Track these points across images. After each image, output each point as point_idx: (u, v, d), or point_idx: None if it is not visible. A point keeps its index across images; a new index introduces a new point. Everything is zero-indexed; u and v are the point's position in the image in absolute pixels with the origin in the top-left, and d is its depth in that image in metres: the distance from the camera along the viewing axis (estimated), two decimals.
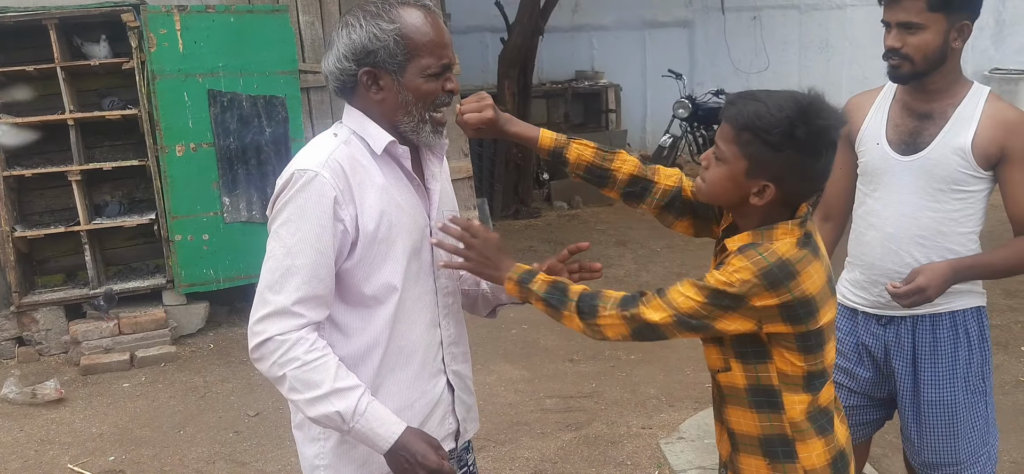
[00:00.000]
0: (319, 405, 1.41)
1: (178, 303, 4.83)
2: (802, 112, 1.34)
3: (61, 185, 4.78)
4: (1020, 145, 1.82)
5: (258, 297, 1.43)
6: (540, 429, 3.56)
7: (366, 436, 1.43)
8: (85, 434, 3.72)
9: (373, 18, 1.43)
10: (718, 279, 1.38)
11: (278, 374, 1.42)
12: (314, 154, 1.45)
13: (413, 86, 1.45)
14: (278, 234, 1.43)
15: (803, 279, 1.37)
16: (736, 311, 1.38)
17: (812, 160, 1.35)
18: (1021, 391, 3.75)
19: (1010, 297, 5.00)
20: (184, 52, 4.59)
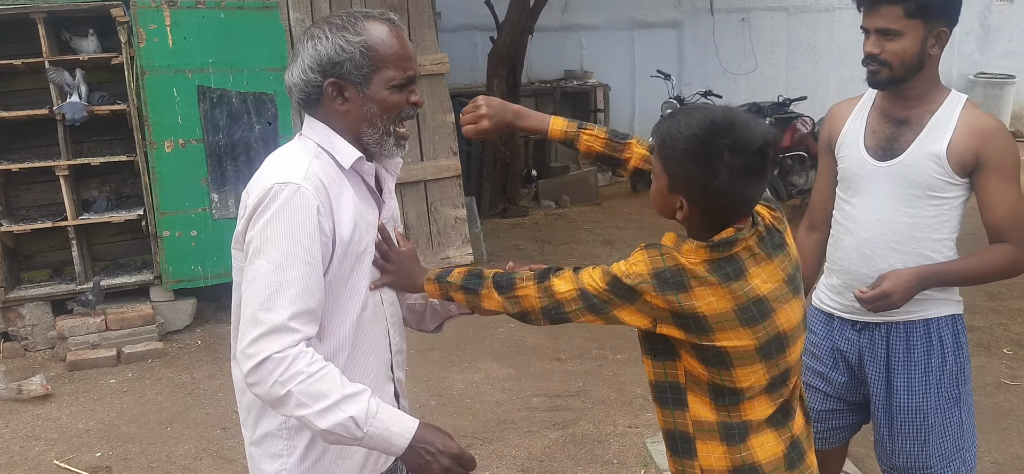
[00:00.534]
0: (331, 414, 1.35)
1: (165, 299, 4.82)
2: (706, 130, 1.34)
3: (48, 180, 4.76)
4: (995, 153, 1.83)
5: (247, 320, 1.37)
6: (527, 427, 3.59)
7: (381, 437, 1.39)
8: (71, 430, 3.71)
9: (339, 31, 1.44)
10: (619, 268, 1.42)
11: (281, 393, 1.35)
12: (291, 166, 1.42)
13: (378, 98, 1.46)
14: (263, 251, 1.37)
15: (695, 296, 1.36)
16: (632, 304, 1.40)
17: (710, 177, 1.34)
18: (1003, 392, 3.82)
19: (993, 300, 5.09)
20: (173, 48, 4.58)
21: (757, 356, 1.40)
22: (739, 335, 1.38)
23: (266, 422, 1.53)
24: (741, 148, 1.34)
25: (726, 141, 1.33)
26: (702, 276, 1.37)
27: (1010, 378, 3.97)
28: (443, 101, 5.49)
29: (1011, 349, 4.31)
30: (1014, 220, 1.85)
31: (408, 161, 5.39)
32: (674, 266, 1.38)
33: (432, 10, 5.58)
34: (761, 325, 1.39)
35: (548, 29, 9.32)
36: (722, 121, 1.35)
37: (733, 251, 1.38)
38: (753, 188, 1.39)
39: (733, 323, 1.37)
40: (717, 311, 1.36)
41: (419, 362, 4.28)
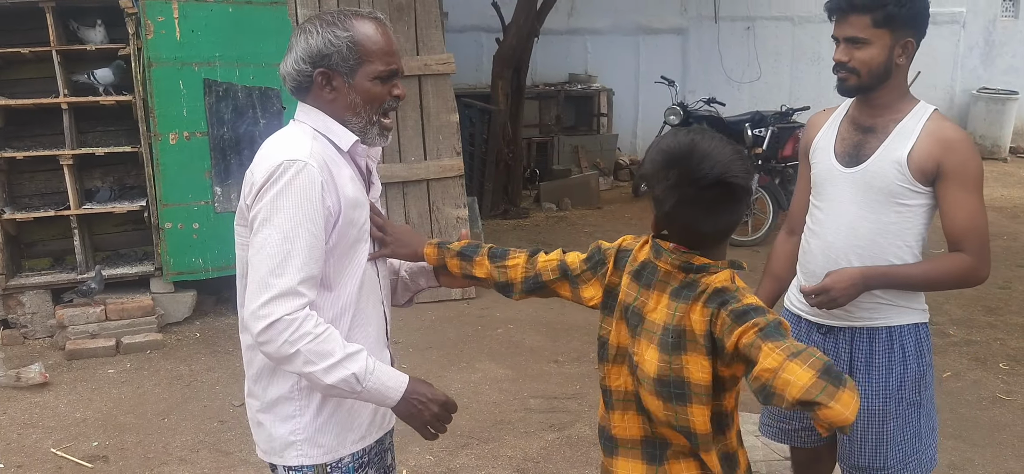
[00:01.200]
0: (336, 371, 1.49)
1: (166, 291, 4.83)
2: (665, 155, 1.39)
3: (52, 169, 4.78)
4: (956, 162, 1.87)
5: (257, 284, 1.48)
6: (523, 428, 3.60)
7: (377, 391, 1.54)
8: (69, 419, 3.72)
9: (329, 26, 1.56)
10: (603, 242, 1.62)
11: (290, 351, 1.47)
12: (296, 145, 1.54)
13: (362, 89, 1.59)
14: (272, 221, 1.49)
15: (622, 278, 1.53)
16: (596, 274, 1.59)
17: (661, 198, 1.40)
18: (998, 407, 3.83)
19: (990, 314, 5.10)
20: (181, 40, 4.60)
21: (625, 358, 1.53)
22: (619, 328, 1.53)
23: (277, 385, 1.61)
24: (691, 180, 1.34)
25: (677, 168, 1.36)
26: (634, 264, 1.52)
27: (1006, 393, 3.98)
28: (448, 101, 5.50)
29: (1007, 364, 4.32)
30: (972, 230, 1.88)
31: (411, 160, 5.41)
32: (628, 248, 1.56)
33: (439, 10, 5.59)
34: (629, 332, 1.50)
35: (554, 32, 9.34)
36: (682, 149, 1.37)
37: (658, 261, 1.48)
38: (705, 220, 1.38)
39: (619, 314, 1.52)
40: (621, 299, 1.52)
41: (417, 360, 4.29)
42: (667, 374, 1.41)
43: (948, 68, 11.69)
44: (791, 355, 1.28)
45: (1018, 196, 9.11)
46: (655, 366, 1.42)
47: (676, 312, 1.42)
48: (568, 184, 8.41)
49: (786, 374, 1.26)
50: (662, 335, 1.42)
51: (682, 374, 1.40)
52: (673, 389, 1.41)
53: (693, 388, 1.40)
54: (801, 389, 1.24)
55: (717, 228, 1.42)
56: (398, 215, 5.37)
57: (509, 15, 7.51)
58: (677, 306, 1.42)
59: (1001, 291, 5.58)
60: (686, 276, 1.43)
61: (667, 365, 1.41)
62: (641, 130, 10.32)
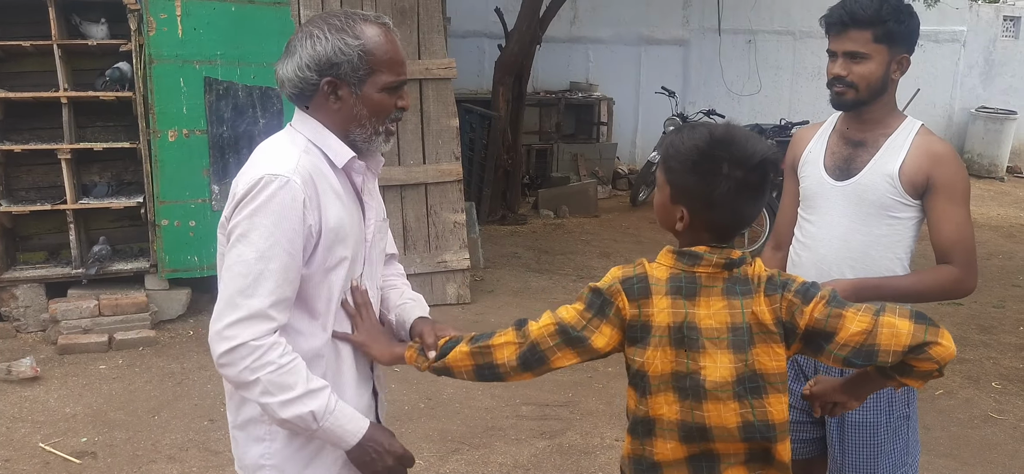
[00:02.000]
0: (293, 406, 1.43)
1: (160, 288, 4.82)
2: (707, 142, 1.40)
3: (50, 163, 4.77)
4: (944, 176, 1.90)
5: (225, 302, 1.41)
6: (514, 435, 3.60)
7: (333, 432, 1.48)
8: (58, 414, 3.71)
9: (338, 32, 1.47)
10: (593, 284, 1.49)
11: (249, 379, 1.41)
12: (281, 159, 1.45)
13: (370, 100, 1.50)
14: (248, 238, 1.41)
15: (653, 303, 1.42)
16: (605, 318, 1.45)
17: (709, 188, 1.39)
18: (990, 426, 3.82)
19: (984, 333, 5.10)
20: (183, 38, 4.61)
21: (671, 384, 1.43)
22: (664, 355, 1.42)
23: (249, 407, 1.55)
24: (739, 161, 1.38)
25: (725, 153, 1.39)
26: (660, 285, 1.44)
27: (997, 412, 3.98)
28: (449, 106, 5.51)
29: (1000, 383, 4.32)
30: (959, 242, 1.91)
31: (410, 163, 5.41)
32: (642, 274, 1.45)
33: (442, 15, 5.61)
34: (685, 352, 1.42)
35: (556, 40, 9.37)
36: (723, 135, 1.41)
37: (695, 269, 1.44)
38: (749, 203, 1.42)
39: (663, 339, 1.42)
40: (658, 323, 1.42)
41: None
42: (743, 371, 1.41)
43: (947, 86, 11.73)
44: (876, 312, 1.40)
45: (1014, 215, 9.13)
46: (730, 369, 1.41)
47: (742, 309, 1.42)
48: (566, 192, 8.42)
49: (887, 328, 1.38)
50: (732, 336, 1.41)
51: (755, 367, 1.42)
52: (748, 384, 1.42)
53: (768, 378, 1.42)
54: (910, 335, 1.38)
55: (754, 212, 1.44)
56: (396, 218, 5.37)
57: (512, 21, 7.53)
58: (740, 303, 1.42)
59: (995, 310, 5.59)
60: (730, 273, 1.43)
61: (743, 363, 1.41)
62: (641, 140, 10.35)
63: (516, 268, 6.27)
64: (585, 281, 6.05)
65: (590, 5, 9.89)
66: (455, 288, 5.40)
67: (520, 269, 6.24)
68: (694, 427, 1.44)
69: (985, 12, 11.99)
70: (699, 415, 1.43)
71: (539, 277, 6.06)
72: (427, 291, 5.36)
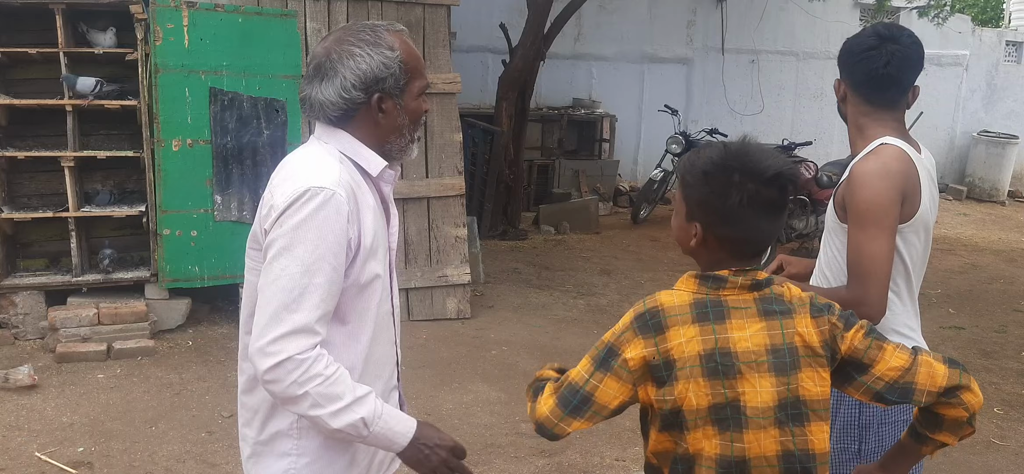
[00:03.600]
0: (344, 415, 1.42)
1: (160, 297, 4.81)
2: (721, 155, 1.40)
3: (53, 170, 4.77)
4: (850, 195, 1.87)
5: (271, 316, 1.38)
6: (514, 453, 3.57)
7: (384, 436, 1.47)
8: (55, 423, 3.69)
9: (374, 46, 1.47)
10: (606, 334, 1.43)
11: (297, 393, 1.39)
12: (323, 171, 1.44)
13: (410, 108, 1.53)
14: (292, 251, 1.39)
15: (670, 336, 1.36)
16: (609, 371, 1.38)
17: (722, 200, 1.37)
18: (992, 452, 3.80)
19: (986, 358, 5.08)
20: (189, 48, 4.62)
21: (709, 418, 1.36)
22: (698, 387, 1.35)
23: (276, 421, 1.54)
24: (753, 174, 1.37)
25: (737, 164, 1.38)
26: (680, 314, 1.38)
27: (999, 438, 3.95)
28: (452, 120, 5.52)
29: (1002, 408, 4.30)
30: (851, 265, 1.87)
31: (413, 176, 5.41)
32: (653, 307, 1.40)
33: (447, 30, 5.63)
34: (721, 381, 1.35)
35: (560, 56, 9.41)
36: (737, 149, 1.41)
37: (721, 292, 1.39)
38: (764, 219, 1.39)
39: (694, 370, 1.35)
40: (685, 354, 1.35)
41: (410, 379, 4.26)
42: (785, 396, 1.36)
43: (949, 110, 11.76)
44: (914, 351, 1.41)
45: (1015, 240, 9.12)
46: (772, 393, 1.36)
47: (783, 330, 1.37)
48: (567, 208, 8.42)
49: (925, 367, 1.39)
50: (773, 358, 1.36)
51: (799, 393, 1.37)
52: (791, 411, 1.37)
53: (811, 405, 1.37)
54: (945, 377, 1.39)
55: (772, 229, 1.41)
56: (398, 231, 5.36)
57: (516, 37, 7.56)
58: (781, 323, 1.38)
59: (997, 334, 5.57)
60: (759, 293, 1.40)
61: (785, 387, 1.36)
62: (643, 157, 10.36)
63: (516, 284, 6.25)
64: (585, 298, 6.07)
65: (594, 22, 9.93)
66: (455, 303, 5.38)
67: (520, 285, 6.23)
68: (734, 461, 1.37)
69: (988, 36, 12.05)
70: (739, 447, 1.37)
71: (539, 293, 6.04)
72: (427, 305, 5.35)
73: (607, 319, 5.51)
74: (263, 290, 1.41)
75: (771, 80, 10.92)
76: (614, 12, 10.01)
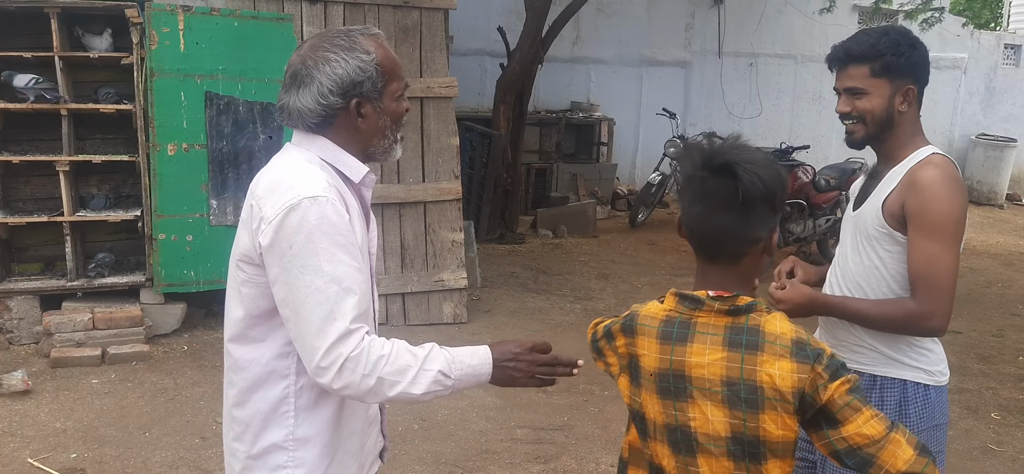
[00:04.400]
0: (422, 379, 1.43)
1: (155, 302, 4.80)
2: (688, 149, 1.41)
3: (48, 174, 4.76)
4: (916, 205, 1.84)
5: (314, 333, 1.38)
6: (509, 459, 3.56)
7: (468, 376, 1.48)
8: (49, 428, 3.67)
9: (349, 51, 1.46)
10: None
11: (371, 383, 1.40)
12: (311, 179, 1.43)
13: (390, 110, 1.53)
14: (311, 266, 1.38)
15: (640, 344, 1.43)
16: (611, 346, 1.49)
17: (683, 193, 1.42)
18: (989, 458, 3.79)
19: (983, 362, 5.07)
20: (185, 52, 4.61)
21: (665, 436, 1.42)
22: (653, 401, 1.42)
23: (270, 434, 1.53)
24: (699, 159, 1.37)
25: (699, 156, 1.40)
26: (649, 326, 1.43)
27: (996, 444, 3.94)
28: (449, 124, 5.51)
29: (999, 414, 4.29)
30: (923, 277, 1.84)
31: (409, 181, 5.40)
32: (632, 312, 1.48)
33: (445, 33, 5.62)
34: (672, 402, 1.40)
35: (558, 60, 9.41)
36: (716, 142, 1.42)
37: (695, 313, 1.39)
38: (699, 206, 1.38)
39: (651, 384, 1.41)
40: (646, 366, 1.42)
41: None
42: (741, 432, 1.33)
43: (948, 113, 11.76)
44: (890, 426, 1.31)
45: (1013, 243, 9.11)
46: (725, 424, 1.33)
47: (742, 364, 1.32)
48: (565, 212, 8.41)
49: (893, 447, 1.30)
50: (726, 391, 1.33)
51: (758, 433, 1.32)
52: (747, 448, 1.33)
53: (771, 446, 1.33)
54: (907, 462, 1.29)
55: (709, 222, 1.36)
56: (394, 236, 5.36)
57: (514, 40, 7.56)
58: (741, 357, 1.33)
59: (995, 339, 5.56)
60: (734, 320, 1.35)
61: (741, 423, 1.32)
62: (641, 161, 10.36)
63: (513, 288, 6.24)
64: (582, 302, 6.05)
65: (592, 26, 9.94)
66: (452, 307, 5.37)
67: (517, 289, 6.22)
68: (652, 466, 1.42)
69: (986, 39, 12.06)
70: (694, 470, 1.38)
71: (536, 297, 6.03)
72: (424, 310, 5.34)
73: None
74: (297, 311, 1.40)
75: (769, 83, 10.93)
76: (612, 15, 10.02)
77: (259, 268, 1.44)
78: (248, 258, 1.46)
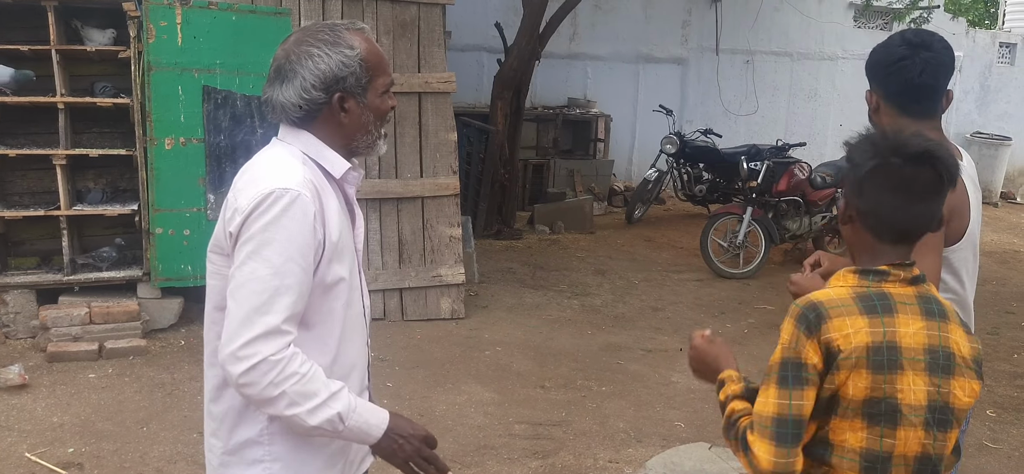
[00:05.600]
0: (320, 412, 1.41)
1: (152, 296, 4.79)
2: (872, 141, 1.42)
3: (45, 168, 4.74)
4: None
5: (240, 321, 1.38)
6: (507, 454, 3.57)
7: (360, 429, 1.47)
8: (45, 423, 3.66)
9: (333, 46, 1.46)
10: (775, 355, 1.39)
11: (274, 394, 1.38)
12: (287, 173, 1.43)
13: (374, 105, 1.52)
14: (261, 254, 1.38)
15: (832, 326, 1.35)
16: (806, 383, 1.35)
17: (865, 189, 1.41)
18: (985, 455, 3.81)
19: None
20: (182, 46, 4.59)
21: (861, 410, 1.36)
22: (859, 378, 1.35)
23: (244, 429, 1.52)
24: (896, 149, 1.38)
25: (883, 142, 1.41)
26: (843, 306, 1.36)
27: (992, 441, 3.97)
28: (447, 119, 5.51)
29: (995, 411, 4.32)
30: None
31: (407, 176, 5.40)
32: (810, 304, 1.38)
33: (442, 28, 5.61)
34: (883, 376, 1.35)
35: (555, 56, 9.41)
36: (880, 131, 1.45)
37: (883, 285, 1.39)
38: (897, 197, 1.39)
39: (860, 361, 1.34)
40: (852, 345, 1.34)
41: (403, 379, 4.25)
42: (936, 399, 1.37)
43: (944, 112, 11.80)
44: None
45: (1007, 241, 9.16)
46: (925, 393, 1.36)
47: (940, 332, 1.38)
48: (562, 208, 8.42)
49: None
50: (929, 358, 1.37)
51: (949, 400, 1.37)
52: (938, 415, 1.37)
53: (956, 413, 1.39)
54: None
55: (940, 213, 1.40)
56: (392, 231, 5.35)
57: (512, 37, 7.55)
58: (938, 325, 1.38)
59: (989, 337, 5.58)
60: (917, 289, 1.39)
61: (936, 390, 1.37)
62: (637, 157, 10.37)
63: (511, 283, 6.24)
64: (579, 298, 6.06)
65: (589, 22, 9.94)
66: (449, 303, 5.37)
67: (515, 284, 6.22)
68: (880, 456, 1.37)
69: (981, 38, 12.10)
70: (889, 443, 1.37)
71: (534, 293, 6.04)
72: (421, 305, 5.34)
73: (601, 319, 5.52)
74: (233, 294, 1.40)
75: (766, 80, 10.94)
76: (609, 12, 10.01)
77: (227, 259, 1.46)
78: (219, 248, 1.48)
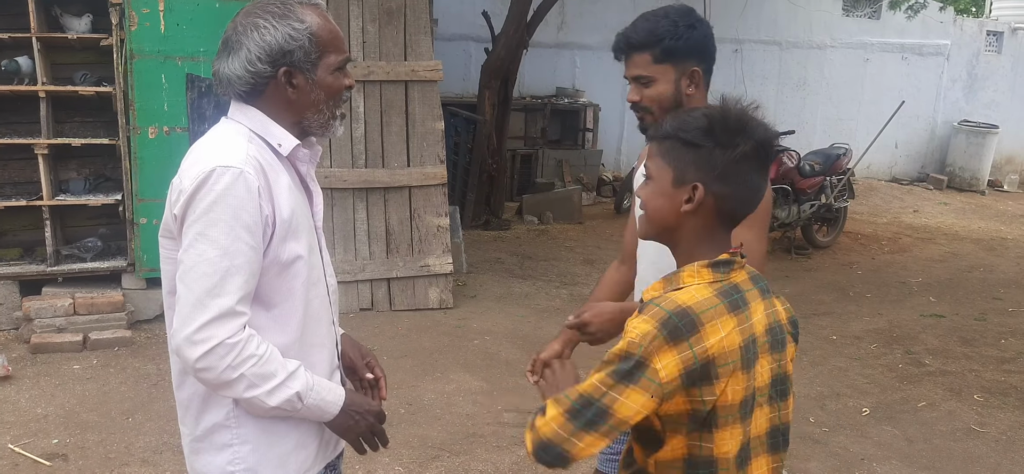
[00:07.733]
0: (279, 392, 1.42)
1: (137, 287, 4.74)
2: (721, 110, 1.34)
3: (26, 158, 4.68)
4: None
5: (192, 305, 1.35)
6: (496, 442, 3.56)
7: (317, 407, 1.49)
8: (29, 414, 3.62)
9: (281, 18, 1.43)
10: (618, 346, 1.25)
11: (232, 377, 1.37)
12: (230, 150, 1.40)
13: (324, 83, 1.48)
14: (208, 236, 1.35)
15: (706, 334, 1.23)
16: (635, 383, 1.22)
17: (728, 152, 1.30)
18: (972, 439, 3.83)
19: (966, 345, 5.13)
20: (165, 33, 4.53)
21: (738, 412, 1.29)
22: (736, 381, 1.27)
23: (211, 414, 1.50)
24: (750, 131, 1.31)
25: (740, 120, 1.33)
26: (712, 307, 1.26)
27: (979, 425, 3.99)
28: (434, 108, 5.47)
29: (982, 396, 4.34)
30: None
31: (394, 166, 5.36)
32: (679, 309, 1.24)
33: (429, 17, 5.57)
34: (749, 372, 1.30)
35: (543, 45, 9.36)
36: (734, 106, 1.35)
37: (730, 276, 1.32)
38: (760, 178, 1.34)
39: (736, 364, 1.27)
40: (726, 349, 1.25)
41: (390, 369, 4.22)
42: (777, 373, 1.37)
43: (931, 99, 11.86)
44: None
45: (994, 228, 9.23)
46: (768, 372, 1.36)
47: (772, 308, 1.38)
48: (551, 198, 8.40)
49: None
50: (770, 337, 1.36)
51: (785, 369, 1.39)
52: (778, 387, 1.37)
53: (790, 380, 1.41)
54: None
55: (762, 191, 1.35)
56: (379, 221, 5.32)
57: (499, 25, 7.51)
58: (770, 302, 1.39)
59: (977, 323, 5.63)
60: (747, 271, 1.38)
61: (777, 364, 1.37)
62: (626, 147, 10.36)
63: (499, 273, 6.23)
64: (568, 287, 6.05)
65: (577, 11, 9.90)
66: (437, 293, 5.35)
67: (503, 275, 6.21)
68: (745, 447, 1.32)
69: (969, 26, 12.15)
70: (748, 432, 1.32)
71: (522, 283, 6.02)
72: (409, 295, 5.31)
73: None
74: (183, 278, 1.37)
75: (754, 69, 10.95)
76: (597, 1, 9.98)
77: (175, 242, 1.43)
78: (168, 232, 1.46)
